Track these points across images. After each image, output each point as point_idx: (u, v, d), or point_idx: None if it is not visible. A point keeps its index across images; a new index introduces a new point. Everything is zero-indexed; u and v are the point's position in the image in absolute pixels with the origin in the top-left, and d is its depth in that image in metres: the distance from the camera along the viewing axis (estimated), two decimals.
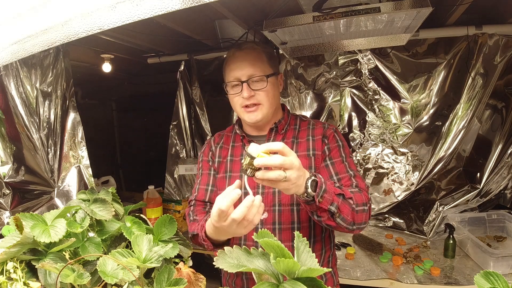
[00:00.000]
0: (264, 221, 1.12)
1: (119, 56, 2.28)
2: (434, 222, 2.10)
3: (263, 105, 1.13)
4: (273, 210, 1.12)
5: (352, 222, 0.99)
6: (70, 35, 0.85)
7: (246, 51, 1.15)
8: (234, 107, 1.18)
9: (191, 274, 0.77)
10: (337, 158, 1.14)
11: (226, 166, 1.22)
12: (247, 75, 1.11)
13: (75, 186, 1.63)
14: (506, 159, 2.01)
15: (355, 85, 2.27)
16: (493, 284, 0.54)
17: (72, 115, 1.66)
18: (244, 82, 1.11)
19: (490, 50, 1.89)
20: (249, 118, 1.14)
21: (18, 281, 0.71)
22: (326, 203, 0.92)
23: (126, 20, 0.78)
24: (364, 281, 1.67)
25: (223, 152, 1.25)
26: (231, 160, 1.22)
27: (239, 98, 1.13)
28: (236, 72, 1.13)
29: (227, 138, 1.29)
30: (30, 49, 0.94)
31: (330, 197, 0.92)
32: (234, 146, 1.25)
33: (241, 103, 1.14)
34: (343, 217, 0.96)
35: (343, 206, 0.96)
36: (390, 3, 1.19)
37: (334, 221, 0.96)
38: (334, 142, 1.17)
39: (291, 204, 1.12)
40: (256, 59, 1.13)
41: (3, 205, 1.43)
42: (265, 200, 1.12)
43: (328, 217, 0.95)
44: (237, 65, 1.13)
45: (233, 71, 1.13)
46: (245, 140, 1.21)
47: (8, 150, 1.44)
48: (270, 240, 0.53)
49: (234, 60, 1.15)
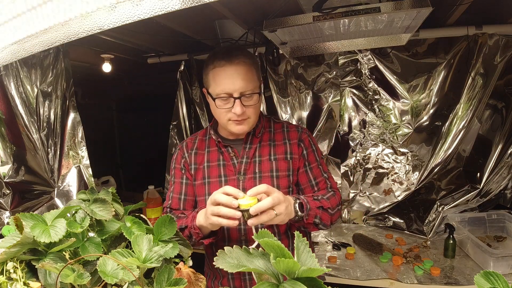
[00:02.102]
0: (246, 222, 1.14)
1: (119, 56, 2.28)
2: (434, 222, 2.10)
3: (251, 119, 1.15)
4: None
5: (330, 224, 1.16)
6: (70, 35, 0.85)
7: (237, 66, 1.09)
8: (219, 118, 1.17)
9: (191, 274, 0.77)
10: (314, 163, 1.24)
11: (204, 172, 1.22)
12: (240, 92, 1.08)
13: (75, 186, 1.63)
14: (506, 159, 2.01)
15: (355, 85, 2.27)
16: (493, 284, 0.54)
17: (72, 115, 1.66)
18: (236, 99, 1.08)
19: (490, 50, 1.89)
20: (237, 130, 1.15)
21: (18, 281, 0.71)
22: (311, 218, 1.07)
23: (126, 20, 0.78)
24: (364, 281, 1.67)
25: (199, 158, 1.25)
26: (208, 166, 1.23)
27: (227, 112, 1.11)
28: (227, 87, 1.08)
29: (201, 143, 1.28)
30: (30, 49, 0.94)
31: (313, 213, 1.08)
32: (210, 151, 1.25)
33: (230, 117, 1.12)
34: (324, 223, 1.12)
35: (323, 215, 1.11)
36: (390, 3, 1.19)
37: (317, 227, 1.13)
38: (309, 147, 1.25)
39: None
40: (247, 73, 1.09)
41: (3, 205, 1.43)
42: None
43: (312, 227, 1.13)
44: (229, 80, 1.08)
45: (224, 85, 1.09)
46: (221, 145, 1.22)
47: (8, 150, 1.44)
48: (270, 240, 0.53)
49: (224, 74, 1.09)
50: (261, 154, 1.21)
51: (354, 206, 2.39)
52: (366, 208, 2.36)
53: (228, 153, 1.21)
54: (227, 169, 1.20)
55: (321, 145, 2.43)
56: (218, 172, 1.21)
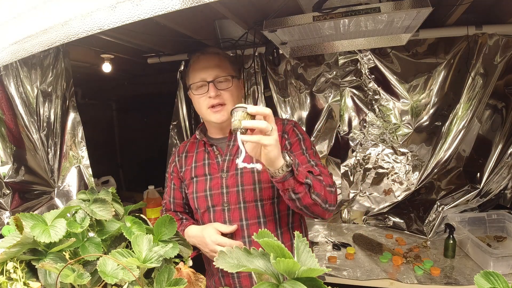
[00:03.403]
0: (232, 218, 1.19)
1: (119, 56, 2.28)
2: (434, 222, 2.10)
3: (228, 105, 1.18)
4: (238, 207, 1.18)
5: (325, 199, 1.04)
6: (70, 35, 0.85)
7: (210, 55, 1.22)
8: (200, 109, 1.23)
9: (191, 274, 0.77)
10: (298, 151, 1.19)
11: (191, 172, 1.28)
12: (213, 75, 1.18)
13: (75, 186, 1.63)
14: (506, 159, 2.01)
15: (355, 85, 2.27)
16: (493, 284, 0.54)
17: (72, 115, 1.66)
18: (210, 82, 1.17)
19: (490, 50, 1.89)
20: (215, 118, 1.19)
21: (18, 281, 0.71)
22: (302, 176, 0.96)
23: (126, 20, 0.78)
24: (364, 281, 1.67)
25: (188, 160, 1.31)
26: (195, 167, 1.28)
27: (205, 98, 1.19)
28: (201, 74, 1.18)
29: (192, 146, 1.34)
30: (30, 49, 0.94)
31: (304, 171, 0.98)
32: (198, 152, 1.31)
33: (207, 103, 1.18)
34: (317, 193, 1.00)
35: (315, 182, 1.01)
36: (390, 3, 1.19)
37: (310, 197, 0.99)
38: (294, 136, 1.22)
39: (254, 200, 1.18)
40: (220, 61, 1.21)
41: (3, 205, 1.43)
42: (230, 199, 1.19)
43: (305, 192, 0.98)
44: (203, 67, 1.19)
45: (198, 72, 1.19)
46: (207, 144, 1.27)
47: (8, 150, 1.44)
48: (270, 240, 0.53)
49: (199, 63, 1.21)
50: None
51: (354, 206, 2.39)
52: (366, 208, 2.36)
53: (213, 152, 1.25)
54: (211, 168, 1.24)
55: (321, 145, 2.43)
56: (204, 171, 1.25)
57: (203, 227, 1.20)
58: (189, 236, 1.19)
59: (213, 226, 1.17)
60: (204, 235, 1.15)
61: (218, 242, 1.12)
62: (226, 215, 1.19)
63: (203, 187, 1.23)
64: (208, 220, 1.23)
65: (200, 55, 1.23)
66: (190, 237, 1.19)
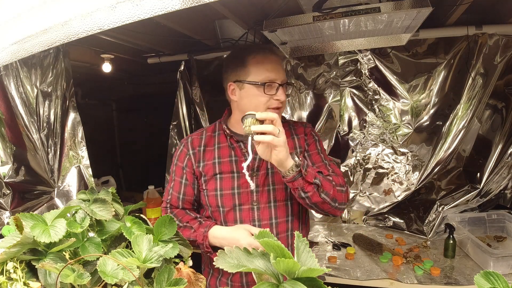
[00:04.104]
0: (261, 217, 1.19)
1: (119, 56, 2.28)
2: (434, 222, 2.10)
3: (283, 108, 1.21)
4: (268, 206, 1.20)
5: (334, 198, 1.10)
6: (70, 35, 0.85)
7: (278, 57, 1.20)
8: (257, 106, 1.15)
9: (191, 274, 0.77)
10: (314, 151, 1.27)
11: (215, 168, 1.22)
12: (282, 79, 1.17)
13: (75, 186, 1.63)
14: (506, 159, 2.01)
15: (355, 85, 2.27)
16: (493, 284, 0.54)
17: (72, 115, 1.66)
18: (281, 85, 1.16)
19: (490, 50, 1.89)
20: None
21: (18, 281, 0.71)
22: (310, 176, 1.04)
23: (126, 20, 0.78)
24: (364, 281, 1.67)
25: (208, 155, 1.25)
26: (220, 162, 1.23)
27: (269, 99, 1.15)
28: (273, 74, 1.15)
29: (210, 139, 1.27)
30: (30, 49, 0.94)
31: (313, 172, 1.06)
32: (220, 147, 1.25)
33: (270, 104, 1.16)
34: (326, 192, 1.08)
35: (324, 182, 1.08)
36: (390, 3, 1.19)
37: (319, 196, 1.07)
38: (311, 138, 1.29)
39: (285, 200, 1.21)
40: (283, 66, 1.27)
41: (3, 205, 1.43)
42: (260, 198, 1.20)
43: (314, 192, 1.05)
44: (273, 67, 1.16)
45: (269, 71, 1.14)
46: (233, 140, 1.23)
47: (8, 150, 1.44)
48: (270, 240, 0.53)
49: (269, 62, 1.16)
50: None
51: (354, 206, 2.39)
52: (366, 208, 2.36)
53: (240, 149, 1.22)
54: (239, 165, 1.19)
55: None
56: (231, 168, 1.21)
57: (233, 228, 1.14)
58: (217, 238, 1.13)
59: (244, 227, 1.12)
60: (237, 237, 1.09)
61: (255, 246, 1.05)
62: (255, 214, 1.18)
63: (229, 185, 1.19)
64: (233, 218, 1.19)
65: (269, 54, 1.17)
66: (218, 238, 1.13)
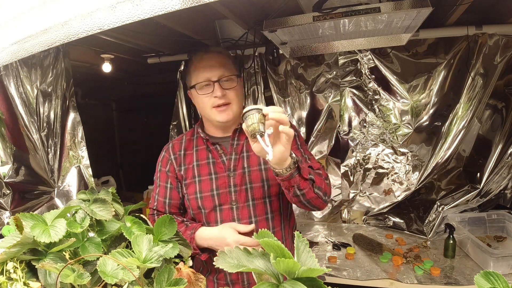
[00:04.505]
0: (241, 216, 1.20)
1: (119, 56, 2.28)
2: (434, 222, 2.10)
3: (233, 104, 1.19)
4: (247, 205, 1.20)
5: (325, 192, 1.10)
6: (70, 35, 0.85)
7: (213, 54, 1.21)
8: (204, 109, 1.21)
9: (191, 274, 0.77)
10: (293, 146, 1.23)
11: (193, 171, 1.25)
12: (218, 75, 1.16)
13: (75, 186, 1.63)
14: (506, 159, 2.01)
15: (355, 85, 2.27)
16: (493, 284, 0.54)
17: (72, 115, 1.66)
18: (215, 82, 1.16)
19: (490, 50, 1.89)
20: (221, 118, 1.18)
21: (18, 281, 0.71)
22: (306, 172, 1.02)
23: (126, 20, 0.78)
24: (364, 281, 1.67)
25: (187, 158, 1.28)
26: (198, 165, 1.25)
27: (210, 98, 1.18)
28: (206, 73, 1.17)
29: (189, 143, 1.31)
30: (30, 49, 0.94)
31: (306, 168, 1.04)
32: (198, 150, 1.27)
33: (212, 103, 1.17)
34: (318, 186, 1.07)
35: (315, 176, 1.07)
36: (390, 3, 1.19)
37: (313, 191, 1.06)
38: None
39: (263, 197, 1.21)
40: (223, 60, 1.20)
41: (3, 205, 1.43)
42: (238, 197, 1.20)
43: (309, 188, 1.04)
44: (206, 67, 1.17)
45: (202, 72, 1.17)
46: (209, 143, 1.25)
47: (8, 150, 1.44)
48: (270, 240, 0.53)
49: (202, 62, 1.19)
50: (248, 149, 1.23)
51: (354, 206, 2.39)
52: (366, 208, 2.36)
53: (216, 151, 1.24)
54: (216, 167, 1.23)
55: (321, 145, 2.43)
56: (208, 170, 1.24)
57: (220, 228, 1.16)
58: (204, 239, 1.14)
59: (230, 226, 1.13)
60: (224, 236, 1.11)
61: (242, 242, 1.07)
62: (234, 213, 1.19)
63: (208, 186, 1.22)
64: (214, 219, 1.21)
65: (204, 54, 1.21)
66: (205, 239, 1.14)
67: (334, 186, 2.41)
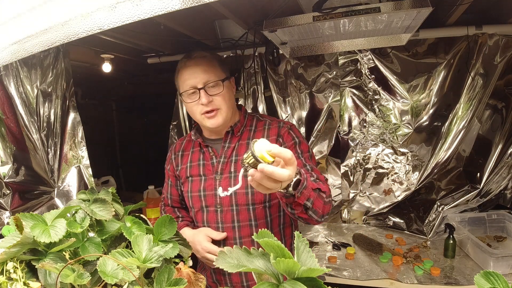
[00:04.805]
0: (224, 220, 1.20)
1: (119, 56, 2.28)
2: (434, 222, 2.10)
3: (222, 109, 1.17)
4: (231, 209, 1.19)
5: (322, 215, 1.01)
6: (70, 35, 0.85)
7: (197, 59, 1.18)
8: (194, 115, 1.22)
9: (191, 274, 0.77)
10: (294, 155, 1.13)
11: (187, 171, 1.29)
12: (203, 82, 1.15)
13: (75, 186, 1.63)
14: (506, 159, 2.01)
15: (355, 85, 2.27)
16: (493, 284, 0.54)
17: (72, 115, 1.66)
18: (201, 89, 1.15)
19: (490, 50, 1.89)
20: (210, 124, 1.18)
21: (18, 281, 0.71)
22: (303, 198, 0.93)
23: (126, 20, 0.78)
24: (364, 281, 1.67)
25: (184, 159, 1.32)
26: (191, 166, 1.28)
27: (197, 105, 1.17)
28: (191, 81, 1.15)
29: (188, 144, 1.34)
30: (30, 49, 0.94)
31: (307, 193, 0.94)
32: (193, 152, 1.31)
33: (200, 110, 1.17)
34: (315, 210, 0.98)
35: (317, 200, 0.98)
36: (390, 3, 1.19)
37: (306, 213, 0.98)
38: (290, 140, 1.19)
39: (246, 204, 1.18)
40: (208, 65, 1.17)
41: (3, 205, 1.43)
42: (223, 201, 1.20)
43: (301, 210, 0.96)
44: (191, 74, 1.16)
45: (187, 80, 1.16)
46: (202, 145, 1.27)
47: (8, 150, 1.44)
48: (270, 240, 0.53)
49: (186, 70, 1.18)
50: (238, 153, 1.22)
51: (354, 206, 2.39)
52: (366, 208, 2.36)
53: (208, 153, 1.25)
54: (206, 169, 1.25)
55: (321, 145, 2.43)
56: (198, 172, 1.26)
57: (195, 232, 1.21)
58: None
59: (204, 232, 1.19)
60: (195, 241, 1.17)
61: (209, 250, 1.15)
62: (218, 217, 1.21)
63: (197, 187, 1.25)
64: (201, 219, 1.25)
65: (187, 61, 1.19)
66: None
67: (334, 186, 2.41)
